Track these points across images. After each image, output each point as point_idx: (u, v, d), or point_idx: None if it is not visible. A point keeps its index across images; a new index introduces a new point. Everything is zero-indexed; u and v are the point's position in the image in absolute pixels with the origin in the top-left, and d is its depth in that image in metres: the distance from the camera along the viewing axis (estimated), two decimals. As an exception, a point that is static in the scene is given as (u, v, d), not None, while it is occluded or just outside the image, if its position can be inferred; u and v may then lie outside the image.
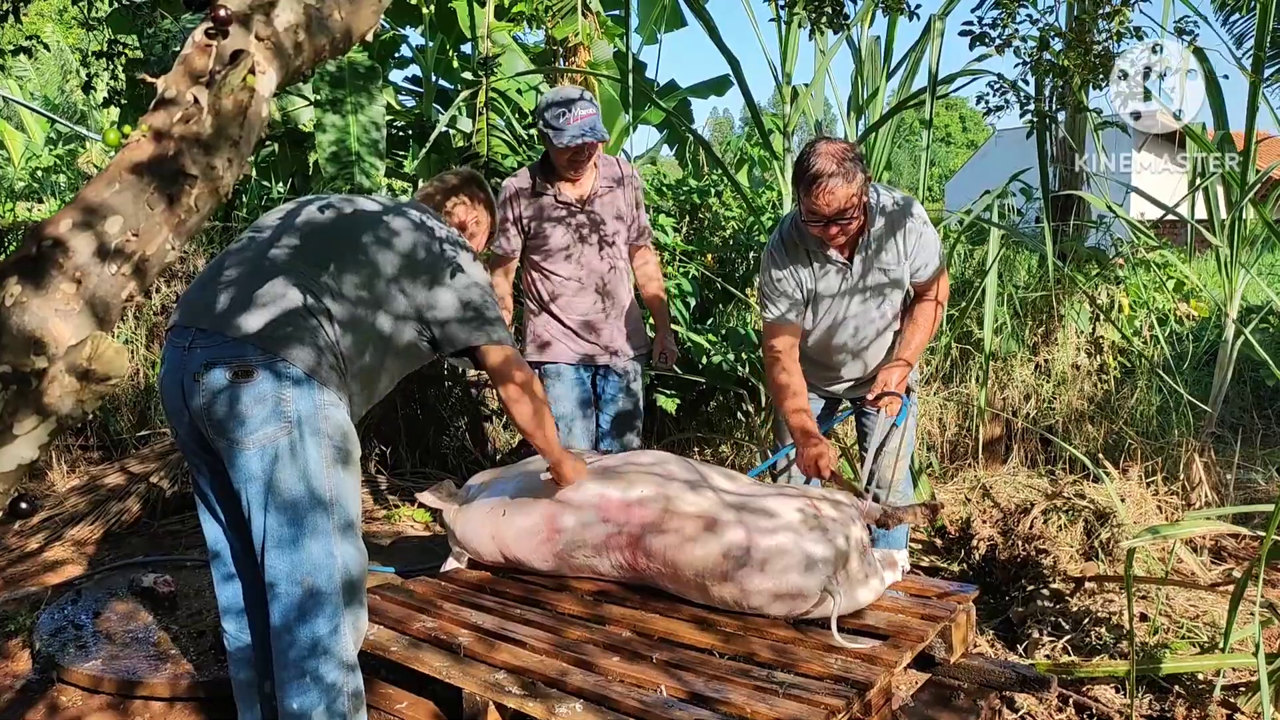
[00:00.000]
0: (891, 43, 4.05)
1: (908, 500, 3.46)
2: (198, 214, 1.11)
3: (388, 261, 2.39)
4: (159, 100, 1.13)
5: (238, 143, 1.12)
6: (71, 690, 2.91)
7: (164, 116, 1.13)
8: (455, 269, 2.47)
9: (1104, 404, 5.35)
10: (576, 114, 3.50)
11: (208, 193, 1.12)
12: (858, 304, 3.26)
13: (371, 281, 2.35)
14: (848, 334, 3.31)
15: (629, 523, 2.78)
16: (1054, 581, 3.69)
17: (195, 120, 1.11)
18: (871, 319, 3.29)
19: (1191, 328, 6.19)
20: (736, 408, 5.31)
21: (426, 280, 2.43)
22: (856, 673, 2.32)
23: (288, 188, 6.38)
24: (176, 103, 1.13)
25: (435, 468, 5.33)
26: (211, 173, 1.14)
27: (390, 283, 2.38)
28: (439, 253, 2.48)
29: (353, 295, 2.31)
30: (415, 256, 2.43)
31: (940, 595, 2.83)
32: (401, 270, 2.40)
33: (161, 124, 1.12)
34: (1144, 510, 4.02)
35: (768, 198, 5.53)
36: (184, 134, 1.11)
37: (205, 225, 5.82)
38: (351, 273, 2.33)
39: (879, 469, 3.41)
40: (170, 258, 1.08)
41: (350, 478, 2.24)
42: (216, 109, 1.12)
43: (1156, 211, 5.26)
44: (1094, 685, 3.07)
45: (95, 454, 5.14)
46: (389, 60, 7.34)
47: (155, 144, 1.13)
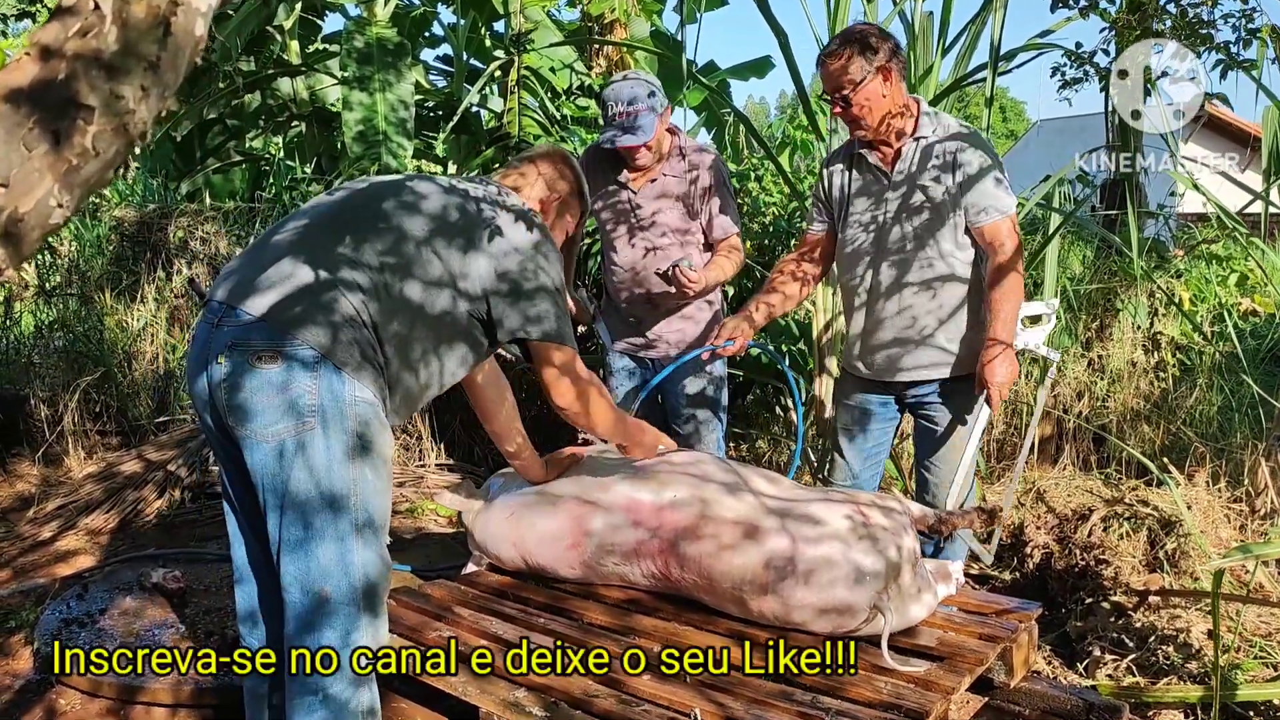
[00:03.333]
0: (948, 15, 3.80)
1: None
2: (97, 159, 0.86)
3: (415, 225, 2.14)
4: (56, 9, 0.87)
5: (155, 65, 0.86)
6: (71, 693, 2.76)
7: (57, 29, 0.87)
8: (493, 231, 2.20)
9: (1160, 403, 5.09)
10: (617, 109, 3.36)
11: (111, 131, 0.86)
12: (895, 232, 3.01)
13: (399, 246, 2.10)
14: (886, 273, 3.04)
15: (661, 528, 2.58)
16: (1115, 594, 3.45)
17: (95, 34, 0.86)
18: (910, 258, 3.00)
19: (1255, 324, 5.89)
20: (775, 402, 5.10)
21: (461, 244, 2.16)
22: (909, 699, 2.12)
23: (314, 168, 6.22)
24: (75, 11, 0.87)
25: (460, 459, 5.16)
26: (117, 104, 0.89)
27: (421, 245, 2.12)
28: (475, 213, 2.21)
29: (375, 262, 2.06)
30: (447, 218, 2.17)
31: (999, 612, 2.60)
32: (433, 232, 2.14)
33: (53, 39, 0.87)
34: (1211, 519, 3.77)
35: (810, 182, 5.30)
36: (79, 51, 0.86)
37: (230, 206, 5.69)
38: (373, 240, 2.09)
39: (940, 480, 3.16)
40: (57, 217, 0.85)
41: (372, 473, 2.02)
42: (123, 18, 0.86)
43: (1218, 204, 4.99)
44: (1161, 710, 2.84)
45: (113, 440, 5.00)
46: (419, 38, 7.17)
47: (41, 65, 0.88)
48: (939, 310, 3.04)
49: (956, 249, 3.00)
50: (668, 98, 3.49)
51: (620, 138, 3.36)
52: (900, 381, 3.15)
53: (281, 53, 7.14)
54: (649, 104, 3.34)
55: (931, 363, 3.08)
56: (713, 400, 3.62)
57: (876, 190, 3.05)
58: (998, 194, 2.91)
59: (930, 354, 3.07)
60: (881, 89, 2.88)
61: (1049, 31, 3.34)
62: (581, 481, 2.78)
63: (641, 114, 3.33)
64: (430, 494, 4.62)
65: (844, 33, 2.94)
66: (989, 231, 2.92)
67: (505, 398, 2.76)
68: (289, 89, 7.07)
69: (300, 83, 6.93)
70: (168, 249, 5.45)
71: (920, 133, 2.97)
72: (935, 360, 3.08)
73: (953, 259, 3.00)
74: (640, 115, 3.33)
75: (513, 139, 5.40)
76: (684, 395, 3.59)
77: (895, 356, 3.11)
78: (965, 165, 2.92)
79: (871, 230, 3.06)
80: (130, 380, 5.07)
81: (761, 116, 47.33)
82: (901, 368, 3.12)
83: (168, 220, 5.53)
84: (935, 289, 3.03)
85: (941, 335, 3.06)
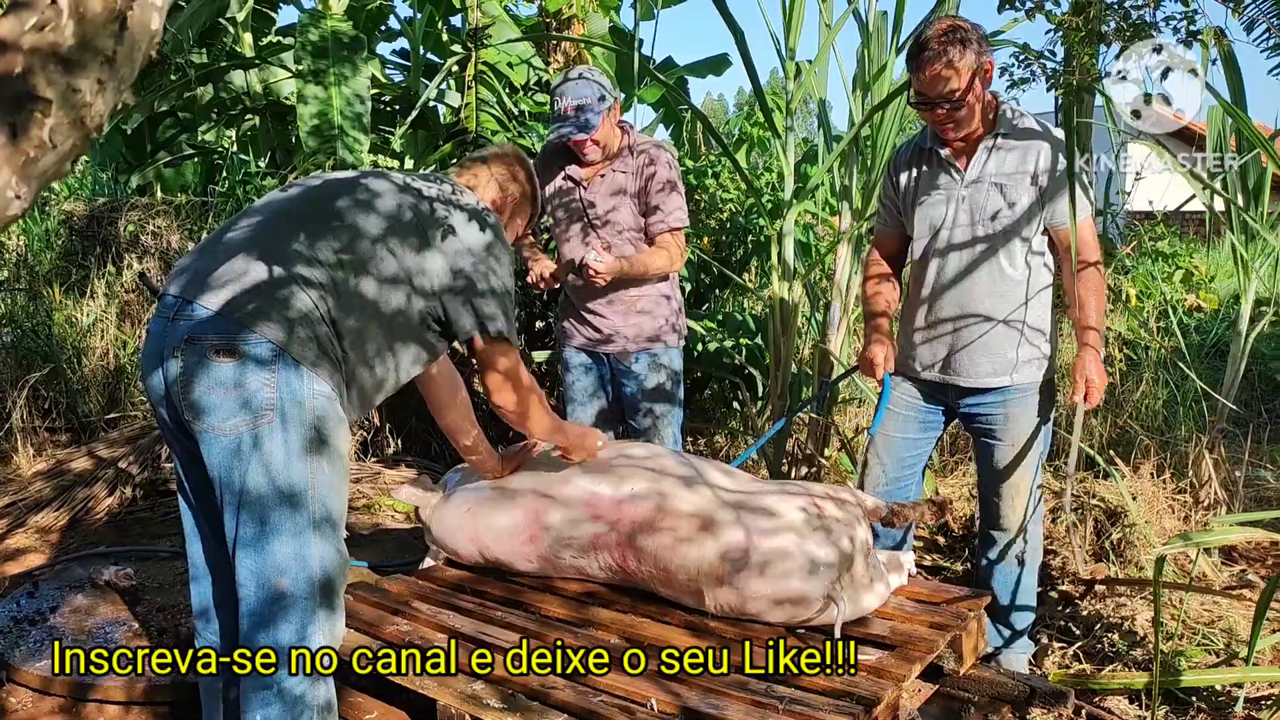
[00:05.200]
0: (901, 13, 3.84)
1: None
2: (54, 151, 0.86)
3: (370, 222, 2.14)
4: (12, 3, 0.88)
5: (111, 59, 0.86)
6: (22, 691, 2.72)
7: (13, 23, 0.88)
8: (446, 230, 2.20)
9: (1108, 397, 5.19)
10: (563, 105, 3.38)
11: (69, 124, 0.87)
12: (963, 231, 2.87)
13: (354, 243, 2.10)
14: (951, 271, 2.90)
15: (619, 521, 2.60)
16: (1063, 583, 3.53)
17: (53, 27, 0.86)
18: (978, 258, 2.85)
19: (1198, 320, 6.03)
20: (733, 397, 5.14)
21: (415, 243, 2.17)
22: (862, 687, 2.15)
23: (268, 162, 6.16)
24: (31, 6, 0.88)
25: (418, 454, 5.14)
26: (74, 97, 0.89)
27: (376, 242, 2.12)
28: (428, 212, 2.21)
29: (331, 259, 2.06)
30: (401, 217, 2.17)
31: (949, 601, 2.65)
32: (388, 230, 2.14)
33: (9, 33, 0.88)
34: (1156, 510, 3.86)
35: (767, 179, 5.34)
36: (35, 45, 0.86)
37: (182, 200, 5.62)
38: (329, 237, 2.09)
39: (1006, 501, 2.98)
40: (15, 209, 0.85)
41: (330, 468, 2.02)
42: (80, 13, 0.86)
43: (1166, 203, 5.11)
44: (1108, 695, 2.90)
45: (63, 437, 4.92)
46: (376, 32, 7.12)
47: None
48: (1006, 314, 2.89)
49: (1030, 252, 2.86)
50: (624, 94, 3.51)
51: (567, 132, 3.38)
52: (955, 386, 2.98)
53: (234, 45, 7.05)
54: (597, 99, 3.36)
55: (994, 370, 2.92)
56: (670, 394, 3.64)
57: (946, 186, 2.91)
58: (1079, 195, 2.73)
59: (992, 361, 2.91)
60: (982, 85, 2.75)
61: (998, 32, 3.38)
62: (539, 476, 2.79)
63: (589, 109, 3.35)
64: (388, 490, 4.60)
65: (945, 30, 2.69)
66: (1070, 232, 2.75)
67: (459, 393, 2.76)
68: (242, 82, 6.99)
69: (254, 75, 6.85)
70: (118, 243, 5.37)
71: (999, 129, 2.84)
72: (997, 368, 2.91)
73: (1024, 262, 2.86)
74: (588, 110, 3.35)
75: (470, 134, 5.38)
76: (642, 390, 3.61)
77: (954, 360, 2.95)
78: (1046, 164, 2.80)
79: (939, 227, 2.92)
80: (80, 376, 4.99)
81: (719, 114, 47.46)
82: (959, 372, 2.96)
83: (118, 214, 5.45)
84: (1003, 293, 2.88)
85: (1007, 341, 2.90)
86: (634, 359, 3.58)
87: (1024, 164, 2.82)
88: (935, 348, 2.99)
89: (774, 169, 5.18)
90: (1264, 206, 4.22)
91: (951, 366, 2.96)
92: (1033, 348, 2.91)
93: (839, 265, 4.27)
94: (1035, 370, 2.92)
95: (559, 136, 3.42)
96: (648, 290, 3.56)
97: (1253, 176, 4.33)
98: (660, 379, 3.62)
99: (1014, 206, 2.82)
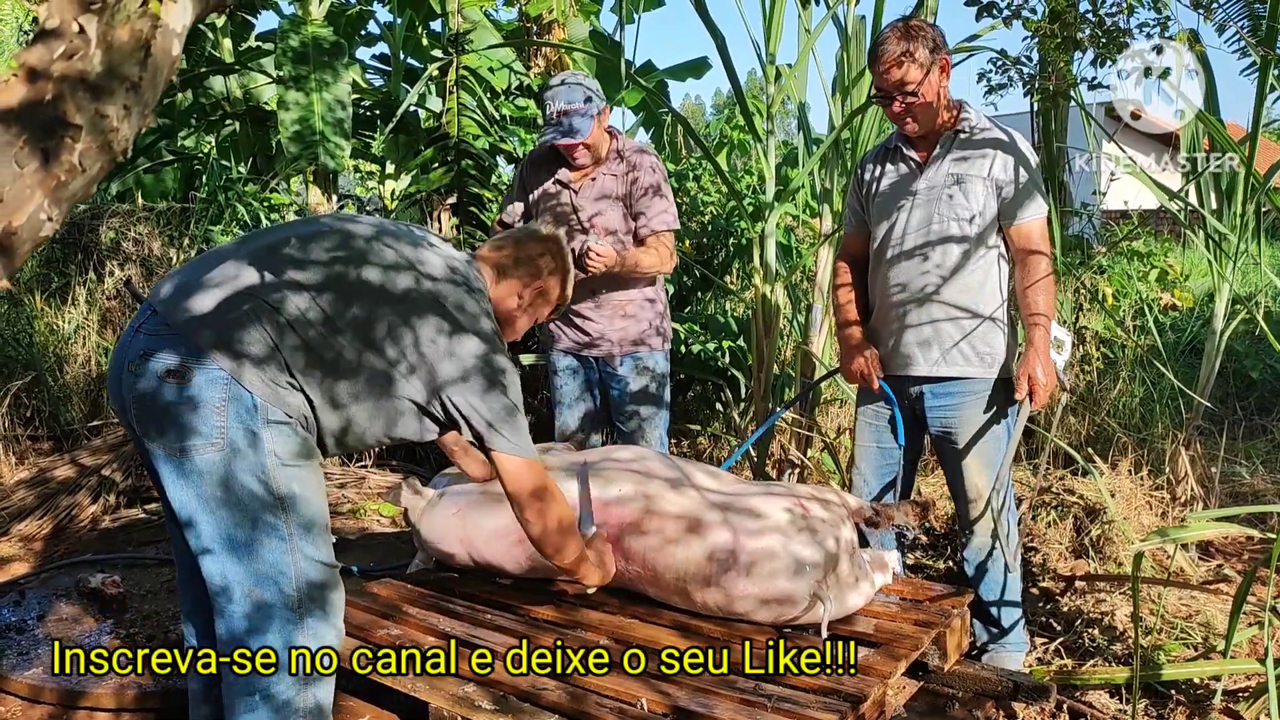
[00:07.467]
0: (880, 18, 3.89)
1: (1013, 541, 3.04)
2: (83, 175, 0.88)
3: (364, 291, 2.06)
4: (40, 32, 0.90)
5: (136, 86, 0.88)
6: (11, 700, 2.72)
7: (43, 52, 0.88)
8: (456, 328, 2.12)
9: (1085, 395, 5.25)
10: (554, 109, 3.42)
11: (97, 148, 0.90)
12: (920, 224, 2.90)
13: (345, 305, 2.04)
14: (909, 266, 2.94)
15: (607, 523, 2.63)
16: (1044, 580, 3.58)
17: (81, 56, 0.86)
18: (933, 252, 2.89)
19: (1173, 319, 6.11)
20: (716, 399, 5.17)
21: (403, 310, 2.09)
22: (848, 684, 2.19)
23: (249, 168, 6.15)
24: (60, 34, 0.88)
25: (403, 459, 5.15)
26: (101, 123, 0.91)
27: (368, 306, 2.06)
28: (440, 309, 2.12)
29: (314, 309, 2.00)
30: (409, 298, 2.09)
31: (933, 599, 2.70)
32: (390, 299, 2.08)
33: (39, 61, 0.88)
34: (1134, 506, 3.92)
35: (748, 182, 5.38)
36: (66, 73, 0.87)
37: (161, 206, 5.60)
38: (318, 289, 2.02)
39: (973, 500, 2.99)
40: (47, 231, 0.88)
41: (299, 486, 1.99)
42: (108, 42, 0.88)
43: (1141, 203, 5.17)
44: (1089, 690, 2.95)
45: (45, 445, 4.91)
46: (356, 37, 7.12)
47: (29, 85, 0.89)
48: (960, 310, 2.91)
49: (986, 250, 2.90)
50: (606, 98, 3.53)
51: (558, 137, 3.41)
52: (910, 376, 3.00)
53: (214, 50, 7.03)
54: (586, 104, 3.39)
55: (944, 360, 2.94)
56: (656, 397, 3.67)
57: (906, 180, 2.96)
58: (1033, 195, 2.82)
59: (944, 351, 2.94)
60: (939, 81, 2.81)
61: (975, 37, 3.43)
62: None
63: (578, 114, 3.38)
64: (373, 495, 4.61)
65: (900, 27, 2.79)
66: (1024, 231, 2.83)
67: None
68: (222, 87, 6.97)
69: (234, 81, 6.84)
70: (99, 250, 5.36)
71: (959, 128, 2.89)
72: (948, 358, 2.94)
73: (980, 260, 2.90)
74: (577, 115, 3.38)
75: (451, 139, 5.39)
76: (628, 392, 3.63)
77: (907, 350, 2.98)
78: (1004, 166, 2.84)
79: (895, 222, 2.96)
80: (62, 384, 4.98)
81: (698, 116, 47.56)
82: (912, 360, 2.98)
83: (99, 221, 5.44)
84: (959, 288, 2.91)
85: (960, 335, 2.92)
86: (620, 362, 3.60)
87: (983, 164, 2.87)
88: (890, 341, 3.02)
89: (754, 171, 5.21)
90: (1236, 207, 4.28)
91: (905, 355, 2.99)
92: (986, 345, 2.93)
93: (820, 267, 4.31)
94: (988, 367, 2.94)
95: (550, 141, 3.45)
96: (633, 294, 3.58)
97: (1225, 179, 4.39)
98: (646, 382, 3.65)
99: (971, 204, 2.86)
